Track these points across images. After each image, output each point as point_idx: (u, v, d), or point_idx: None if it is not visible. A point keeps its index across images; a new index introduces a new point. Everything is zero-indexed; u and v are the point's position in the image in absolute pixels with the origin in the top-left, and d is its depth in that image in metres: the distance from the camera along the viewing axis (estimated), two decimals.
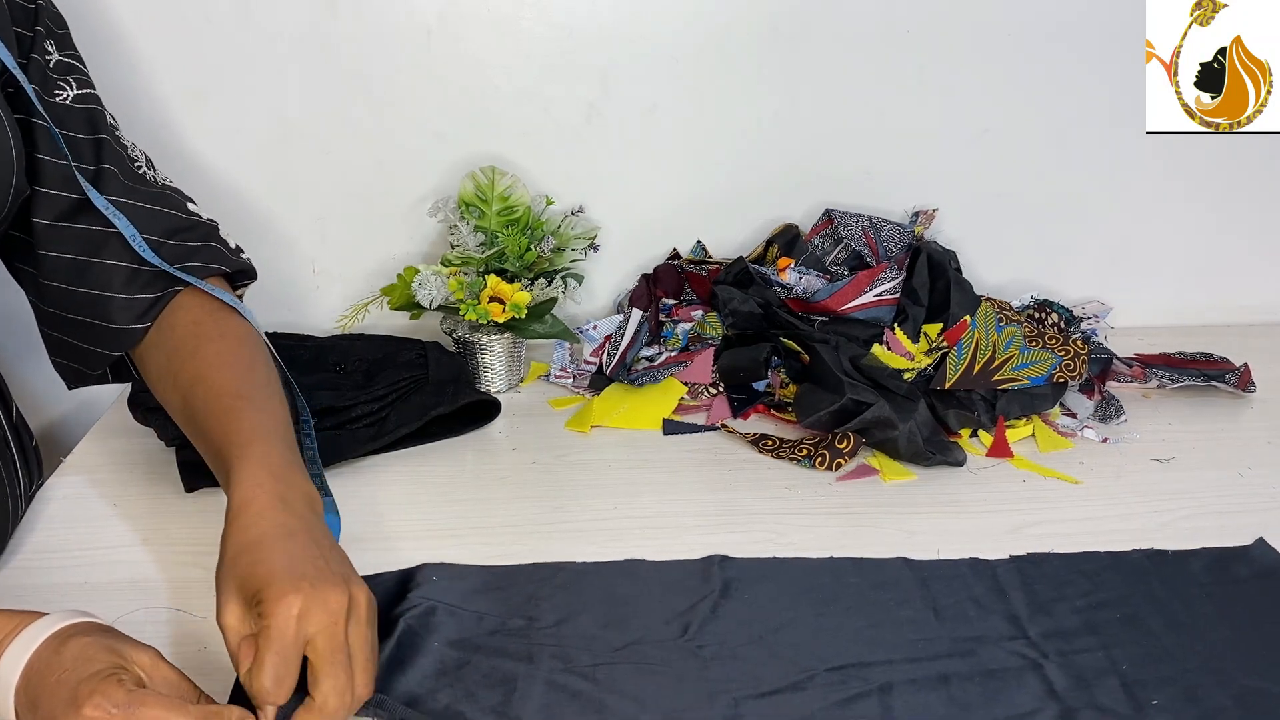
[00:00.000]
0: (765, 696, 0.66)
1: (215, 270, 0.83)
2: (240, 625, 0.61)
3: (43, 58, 0.77)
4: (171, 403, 0.78)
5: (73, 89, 0.79)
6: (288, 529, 0.64)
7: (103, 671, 0.56)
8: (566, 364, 1.09)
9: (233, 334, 0.79)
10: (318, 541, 0.64)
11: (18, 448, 0.85)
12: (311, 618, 0.59)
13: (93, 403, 1.15)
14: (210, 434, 0.72)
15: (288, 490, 0.66)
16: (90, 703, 0.54)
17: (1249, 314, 1.25)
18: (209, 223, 0.85)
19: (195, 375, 0.75)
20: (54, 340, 0.82)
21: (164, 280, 0.80)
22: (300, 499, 0.67)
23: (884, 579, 0.77)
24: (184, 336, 0.78)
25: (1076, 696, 0.66)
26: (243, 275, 0.88)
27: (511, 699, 0.65)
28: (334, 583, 0.61)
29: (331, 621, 0.59)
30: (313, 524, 0.66)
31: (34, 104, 0.75)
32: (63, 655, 0.57)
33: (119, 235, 0.78)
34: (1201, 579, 0.77)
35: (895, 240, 1.09)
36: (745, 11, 1.08)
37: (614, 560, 0.79)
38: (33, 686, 0.57)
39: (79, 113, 0.79)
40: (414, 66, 1.08)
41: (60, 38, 0.80)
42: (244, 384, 0.75)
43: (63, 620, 0.60)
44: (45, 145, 0.76)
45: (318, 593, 0.59)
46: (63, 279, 0.78)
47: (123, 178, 0.80)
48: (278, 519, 0.64)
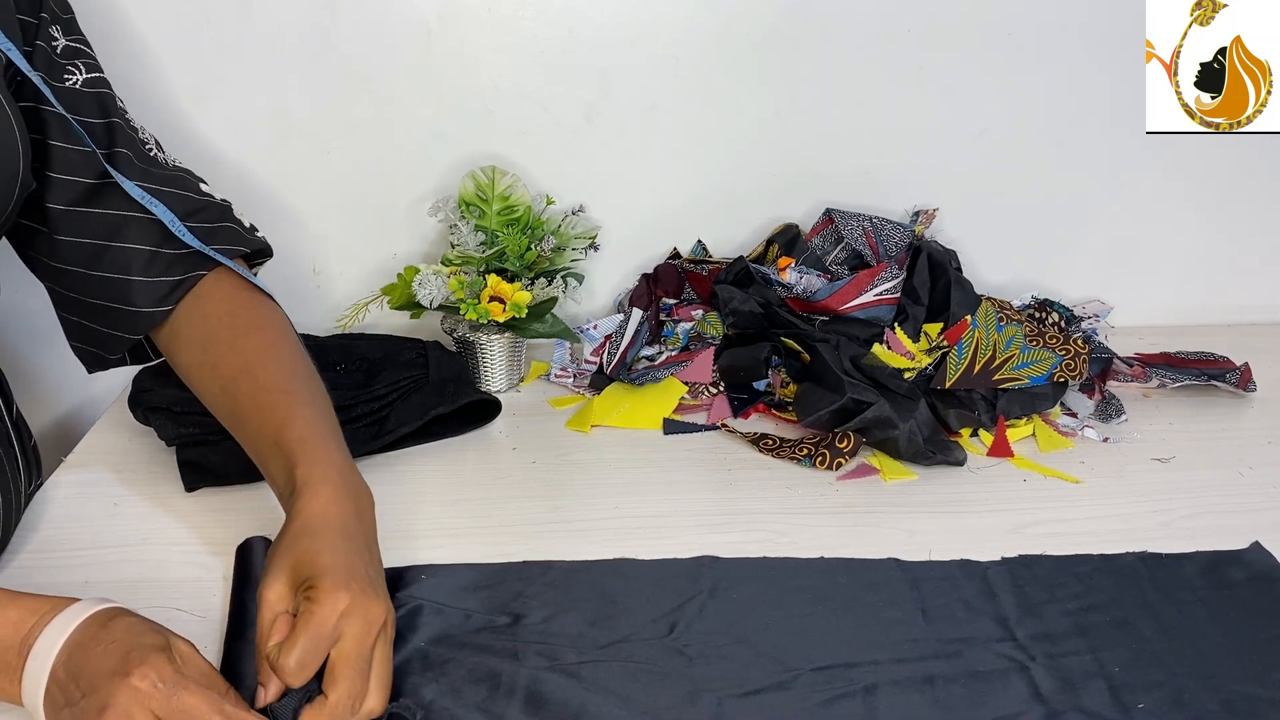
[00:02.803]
0: (749, 696, 0.66)
1: (235, 251, 0.83)
2: (279, 603, 0.62)
3: (48, 44, 0.77)
4: (208, 392, 0.79)
5: (81, 73, 0.78)
6: (348, 529, 0.66)
7: (155, 645, 0.58)
8: (567, 363, 1.09)
9: (269, 324, 0.80)
10: (370, 548, 0.67)
11: (18, 446, 0.85)
12: (352, 619, 0.60)
13: (94, 402, 1.15)
14: (262, 427, 0.73)
15: (353, 488, 0.69)
16: (139, 672, 0.55)
17: (1249, 314, 1.25)
18: (223, 203, 0.85)
19: (239, 367, 0.76)
20: (73, 325, 0.83)
21: (185, 263, 0.80)
22: (363, 495, 0.70)
23: (874, 580, 0.77)
24: (219, 326, 0.79)
25: (1062, 699, 0.66)
26: (259, 254, 0.88)
27: (496, 695, 0.65)
28: (378, 595, 0.63)
29: (366, 629, 0.61)
30: (368, 528, 0.69)
31: (42, 91, 0.74)
32: (111, 629, 0.59)
33: (138, 218, 0.78)
34: (1195, 583, 0.77)
35: (896, 240, 1.09)
36: (745, 11, 1.08)
37: (604, 559, 0.79)
38: (74, 660, 0.57)
39: (89, 97, 0.78)
40: (414, 66, 1.08)
41: (66, 22, 0.80)
42: (291, 379, 0.76)
43: (102, 603, 0.61)
44: (56, 131, 0.76)
45: (364, 598, 0.61)
46: (81, 263, 0.78)
47: (137, 161, 0.80)
48: (343, 514, 0.66)
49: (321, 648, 0.59)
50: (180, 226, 0.79)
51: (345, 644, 0.60)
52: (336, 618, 0.60)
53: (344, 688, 0.59)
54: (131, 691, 0.55)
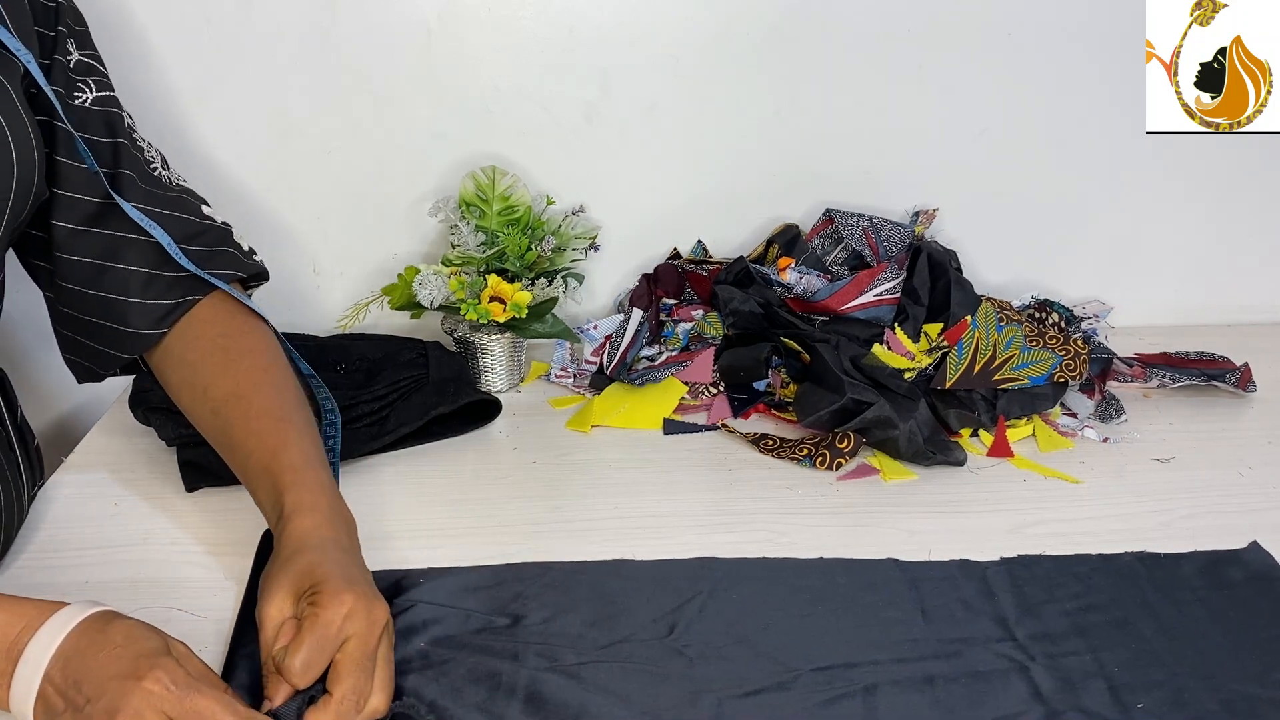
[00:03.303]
0: (749, 696, 0.66)
1: (232, 276, 0.84)
2: (280, 615, 0.63)
3: (64, 58, 0.77)
4: (199, 415, 0.79)
5: (92, 91, 0.79)
6: (341, 545, 0.68)
7: (160, 648, 0.59)
8: (567, 363, 1.09)
9: (260, 349, 0.81)
10: (361, 565, 0.69)
11: (21, 449, 0.85)
12: (355, 620, 0.61)
13: (94, 402, 1.15)
14: (253, 453, 0.74)
15: (339, 516, 0.71)
16: (151, 676, 0.56)
17: (1249, 314, 1.25)
18: (223, 226, 0.85)
19: (230, 391, 0.77)
20: (67, 339, 0.83)
21: (182, 286, 0.80)
22: (350, 523, 0.72)
23: (873, 580, 0.77)
24: (212, 349, 0.79)
25: (1062, 699, 0.66)
26: (256, 279, 0.88)
27: (497, 695, 0.65)
28: (380, 600, 0.64)
29: (369, 630, 0.62)
30: (357, 550, 0.71)
31: (55, 107, 0.75)
32: (110, 634, 0.59)
33: (138, 241, 0.78)
34: (1194, 582, 0.77)
35: (896, 240, 1.09)
36: (745, 11, 1.08)
37: (604, 559, 0.79)
38: (74, 665, 0.58)
39: (98, 115, 0.79)
40: (414, 66, 1.08)
41: (80, 35, 0.80)
42: (283, 406, 0.77)
43: (93, 606, 0.61)
44: (65, 148, 0.76)
45: (367, 601, 0.63)
46: (80, 281, 0.78)
47: (141, 182, 0.80)
48: (334, 535, 0.68)
49: (327, 648, 0.60)
50: (178, 251, 0.79)
51: (350, 645, 0.61)
52: (341, 619, 0.61)
53: (349, 684, 0.60)
54: (144, 695, 0.56)
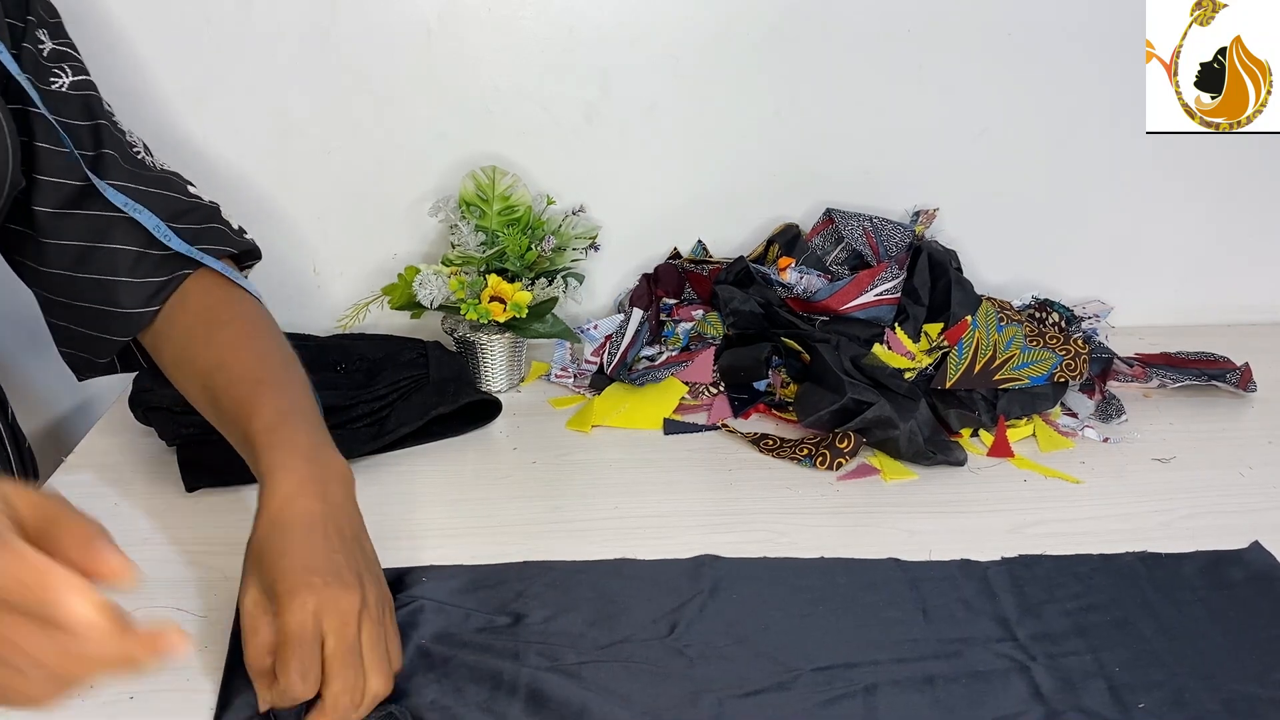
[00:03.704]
0: (750, 696, 0.66)
1: (222, 252, 0.83)
2: (255, 608, 0.62)
3: (35, 46, 0.77)
4: (191, 390, 0.78)
5: (68, 75, 0.79)
6: (310, 519, 0.64)
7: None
8: (567, 363, 1.09)
9: (246, 316, 0.80)
10: (340, 532, 0.65)
11: (14, 450, 0.85)
12: (327, 616, 0.59)
13: (93, 402, 1.15)
14: (235, 420, 0.72)
15: (321, 470, 0.67)
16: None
17: (1249, 314, 1.25)
18: (211, 205, 0.85)
19: (214, 361, 0.76)
20: (61, 329, 0.82)
21: (171, 264, 0.80)
22: (333, 478, 0.67)
23: (874, 580, 0.77)
24: (196, 322, 0.79)
25: (1062, 699, 0.66)
26: (248, 255, 0.88)
27: (498, 695, 0.65)
28: (346, 582, 0.61)
29: (342, 622, 0.60)
30: (340, 509, 0.66)
31: (28, 93, 0.75)
32: None
33: (124, 220, 0.78)
34: (1194, 582, 0.77)
35: (896, 240, 1.09)
36: (745, 11, 1.08)
37: (604, 559, 0.79)
38: None
39: (75, 99, 0.79)
40: (414, 66, 1.08)
41: (53, 26, 0.80)
42: (263, 367, 0.75)
43: None
44: (43, 134, 0.76)
45: (330, 592, 0.60)
46: (68, 266, 0.78)
47: (124, 162, 0.80)
48: (305, 506, 0.64)
49: (312, 652, 0.59)
50: (164, 229, 0.79)
51: (328, 643, 0.60)
52: (311, 620, 0.59)
53: (338, 685, 0.59)
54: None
